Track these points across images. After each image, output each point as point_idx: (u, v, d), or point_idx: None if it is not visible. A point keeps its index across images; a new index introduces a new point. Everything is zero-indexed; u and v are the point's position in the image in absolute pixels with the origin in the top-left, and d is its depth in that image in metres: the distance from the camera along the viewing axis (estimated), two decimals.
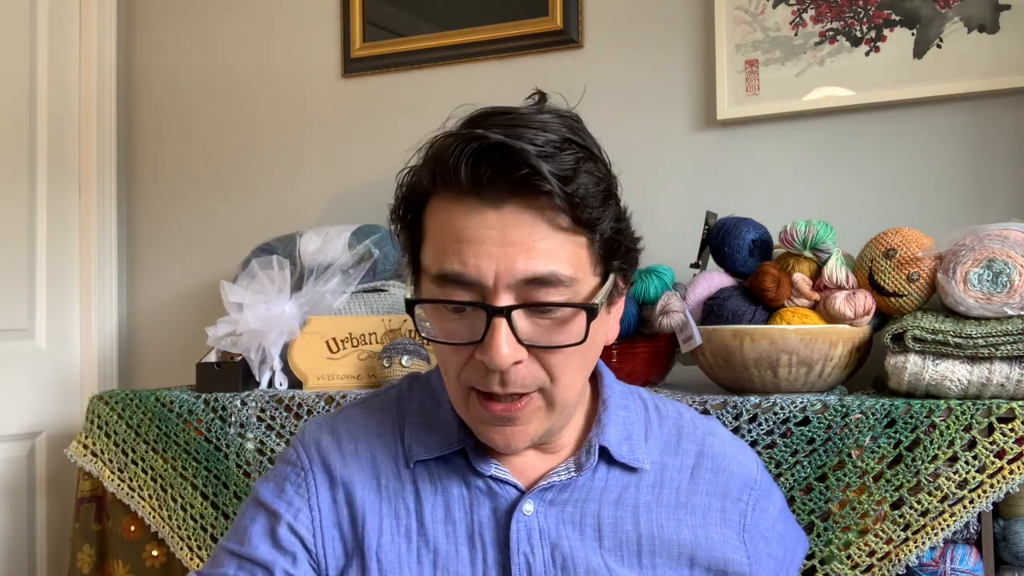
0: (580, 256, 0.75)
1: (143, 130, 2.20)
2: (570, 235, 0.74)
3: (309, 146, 2.04)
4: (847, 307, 1.26)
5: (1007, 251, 1.17)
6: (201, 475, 1.55)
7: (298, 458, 0.88)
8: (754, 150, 1.69)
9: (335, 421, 0.90)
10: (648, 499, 0.86)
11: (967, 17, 1.53)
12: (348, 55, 1.99)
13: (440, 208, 0.76)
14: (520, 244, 0.72)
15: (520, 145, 0.70)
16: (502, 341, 0.72)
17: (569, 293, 0.74)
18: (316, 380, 1.58)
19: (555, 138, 0.73)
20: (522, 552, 0.81)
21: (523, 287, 0.73)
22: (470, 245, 0.73)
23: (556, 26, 1.81)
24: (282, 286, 1.63)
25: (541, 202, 0.72)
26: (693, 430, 0.91)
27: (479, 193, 0.72)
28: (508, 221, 0.72)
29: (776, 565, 0.90)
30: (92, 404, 1.66)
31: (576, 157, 0.74)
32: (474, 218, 0.73)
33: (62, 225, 2.08)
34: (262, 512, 0.86)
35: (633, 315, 1.38)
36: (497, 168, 0.71)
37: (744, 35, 1.66)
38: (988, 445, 1.11)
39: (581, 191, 0.73)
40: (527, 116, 0.75)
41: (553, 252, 0.73)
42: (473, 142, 0.72)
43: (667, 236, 1.72)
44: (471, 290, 0.74)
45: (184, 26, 2.17)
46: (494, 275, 0.72)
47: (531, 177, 0.70)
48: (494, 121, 0.74)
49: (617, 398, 0.90)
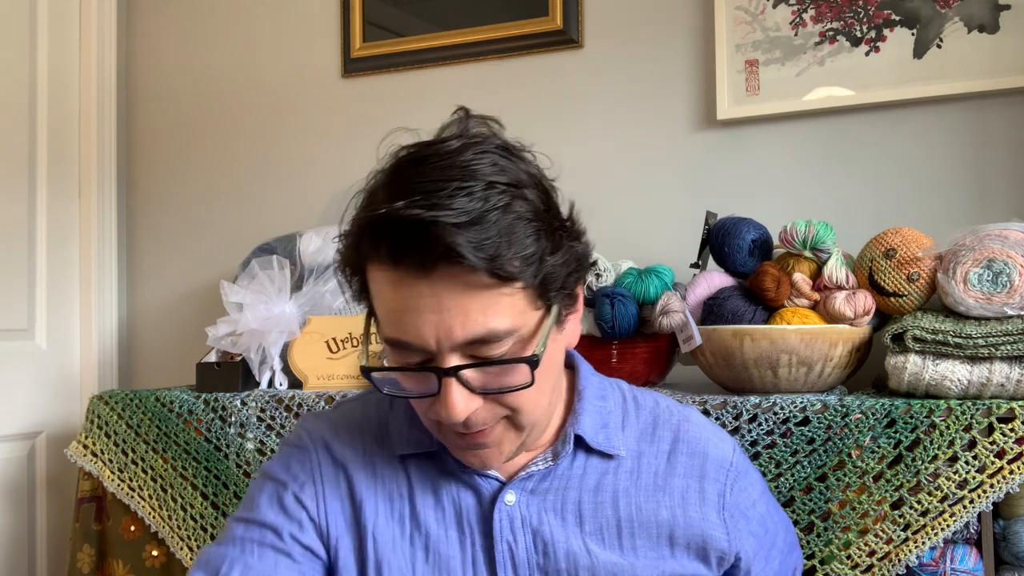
0: (516, 303, 0.76)
1: (143, 130, 2.20)
2: (501, 288, 0.74)
3: (309, 146, 2.04)
4: (847, 307, 1.26)
5: (1007, 251, 1.17)
6: (201, 475, 1.55)
7: (300, 440, 0.92)
8: (754, 150, 1.69)
9: (332, 415, 0.95)
10: (627, 484, 0.89)
11: (967, 17, 1.53)
12: (348, 55, 1.99)
13: (376, 277, 0.78)
14: (455, 308, 0.74)
15: (436, 221, 0.70)
16: (455, 399, 0.76)
17: (512, 340, 0.76)
18: (316, 380, 1.58)
19: (477, 191, 0.72)
20: (505, 540, 0.86)
21: (466, 347, 0.75)
22: (407, 314, 0.75)
23: (556, 26, 1.81)
24: (282, 286, 1.63)
25: (466, 267, 0.72)
26: (669, 417, 0.94)
27: (405, 267, 0.74)
28: (438, 288, 0.73)
29: (757, 543, 0.92)
30: (92, 404, 1.66)
31: (501, 208, 0.73)
32: (406, 288, 0.74)
33: (62, 225, 2.08)
34: (270, 483, 0.90)
35: (633, 315, 1.38)
36: (416, 248, 0.72)
37: (744, 35, 1.66)
38: (988, 445, 1.11)
39: (504, 252, 0.72)
40: (449, 168, 0.74)
41: (488, 310, 0.74)
42: (388, 224, 0.72)
43: (667, 236, 1.73)
44: (419, 353, 0.77)
45: (184, 26, 2.17)
46: (435, 341, 0.75)
47: (451, 254, 0.71)
48: (413, 187, 0.73)
49: (593, 388, 0.93)
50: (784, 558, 0.97)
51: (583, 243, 0.84)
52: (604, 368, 1.40)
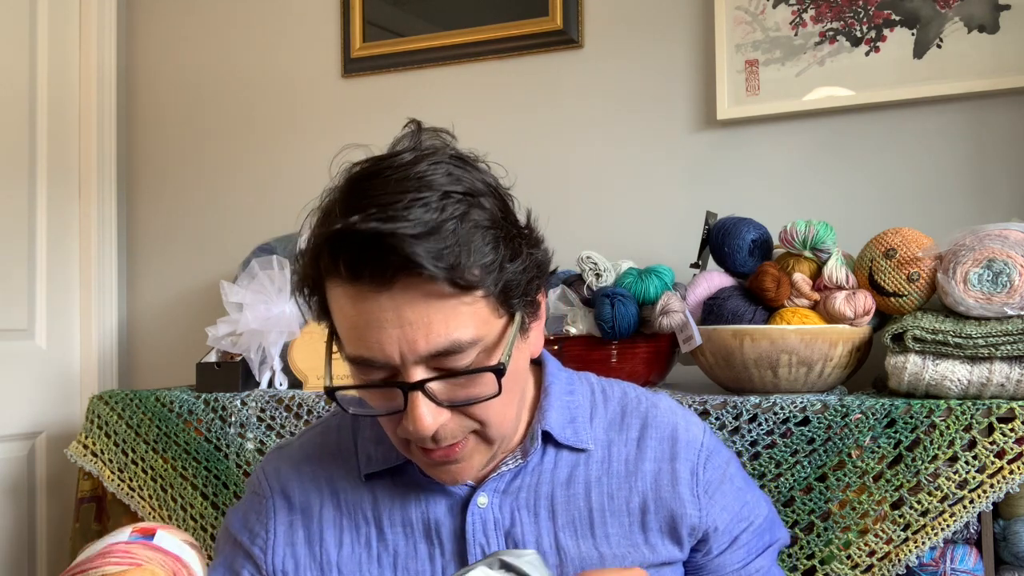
0: (478, 311, 0.76)
1: (143, 130, 2.20)
2: (461, 298, 0.74)
3: (309, 146, 2.04)
4: (847, 307, 1.26)
5: (1007, 251, 1.17)
6: (201, 475, 1.55)
7: (260, 487, 0.94)
8: (754, 150, 1.69)
9: (293, 447, 0.96)
10: (598, 473, 0.90)
11: (967, 17, 1.53)
12: (348, 55, 1.99)
13: (335, 294, 0.77)
14: (417, 322, 0.73)
15: (393, 233, 0.70)
16: (422, 412, 0.75)
17: (477, 350, 0.76)
18: (316, 380, 1.58)
19: (433, 202, 0.72)
20: (478, 543, 0.86)
21: (431, 359, 0.75)
22: (369, 330, 0.74)
23: (556, 26, 1.81)
24: (282, 286, 1.63)
25: (425, 278, 0.72)
26: (637, 406, 0.94)
27: (364, 282, 0.73)
28: (399, 301, 0.73)
29: (730, 517, 0.91)
30: (92, 404, 1.66)
31: (457, 217, 0.73)
32: (367, 303, 0.74)
33: (62, 225, 2.08)
34: (228, 544, 0.94)
35: (633, 315, 1.38)
36: (375, 261, 0.72)
37: (744, 35, 1.66)
38: (988, 445, 1.11)
39: (463, 260, 0.73)
40: (404, 180, 0.74)
41: (450, 321, 0.74)
42: (345, 239, 0.72)
43: (667, 236, 1.73)
44: (383, 369, 0.76)
45: (184, 26, 2.17)
46: (399, 355, 0.74)
47: (408, 265, 0.71)
48: (368, 200, 0.73)
49: (561, 384, 0.93)
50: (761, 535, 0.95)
51: (542, 250, 0.84)
52: (604, 368, 1.41)
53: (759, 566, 0.93)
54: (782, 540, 0.98)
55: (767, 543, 0.95)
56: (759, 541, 0.94)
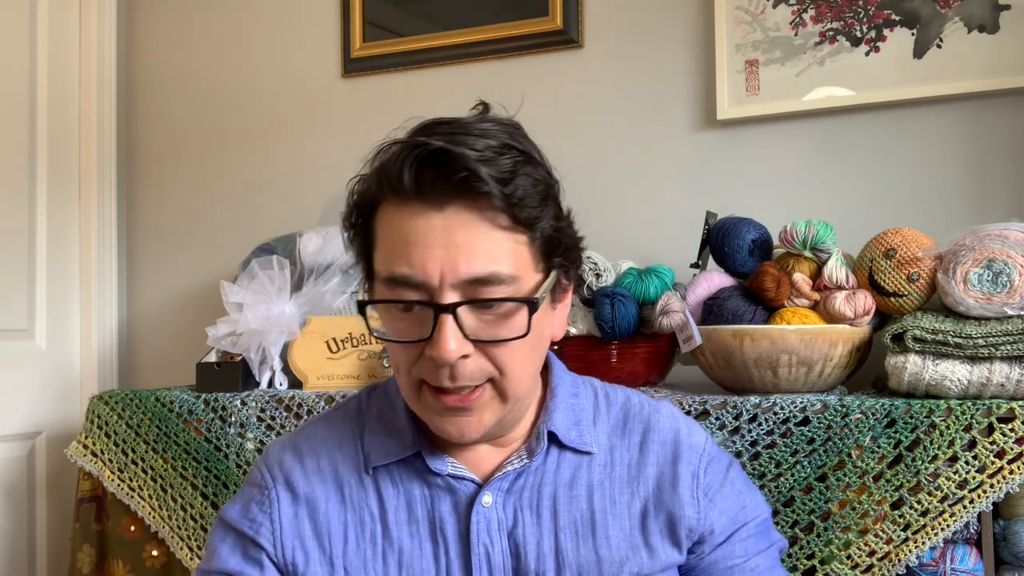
0: (521, 254, 0.79)
1: (143, 130, 2.20)
2: (510, 233, 0.78)
3: (309, 146, 2.04)
4: (847, 307, 1.26)
5: (1007, 251, 1.17)
6: (201, 475, 1.55)
7: (262, 478, 0.92)
8: (754, 150, 1.69)
9: (297, 439, 0.95)
10: (601, 477, 0.90)
11: (967, 17, 1.53)
12: (348, 55, 1.99)
13: (388, 213, 0.80)
14: (463, 245, 0.76)
15: (460, 150, 0.75)
16: (449, 336, 0.76)
17: (511, 290, 0.78)
18: (316, 380, 1.58)
19: (495, 143, 0.78)
20: (482, 543, 0.86)
21: (467, 286, 0.77)
22: (416, 248, 0.77)
23: (556, 26, 1.81)
24: (282, 286, 1.63)
25: (481, 203, 0.77)
26: (640, 411, 0.95)
27: (422, 197, 0.77)
28: (451, 223, 0.77)
29: (728, 520, 0.92)
30: (92, 404, 1.66)
31: (515, 161, 0.78)
32: (419, 221, 0.77)
33: (62, 225, 2.08)
34: (229, 531, 0.91)
35: (633, 315, 1.38)
36: (438, 172, 0.76)
37: (744, 35, 1.66)
38: (988, 445, 1.11)
39: (519, 192, 0.77)
40: (469, 124, 0.80)
41: (494, 252, 0.77)
42: (416, 149, 0.77)
43: (667, 236, 1.73)
44: (419, 290, 0.78)
45: (184, 26, 2.17)
46: (439, 275, 0.77)
47: (470, 179, 0.75)
48: (437, 130, 0.79)
49: (566, 386, 0.94)
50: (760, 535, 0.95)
51: (578, 239, 0.88)
52: (604, 368, 1.41)
53: (756, 564, 0.92)
54: (781, 544, 0.98)
55: (768, 543, 0.95)
56: (759, 541, 0.94)
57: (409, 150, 0.77)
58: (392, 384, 0.94)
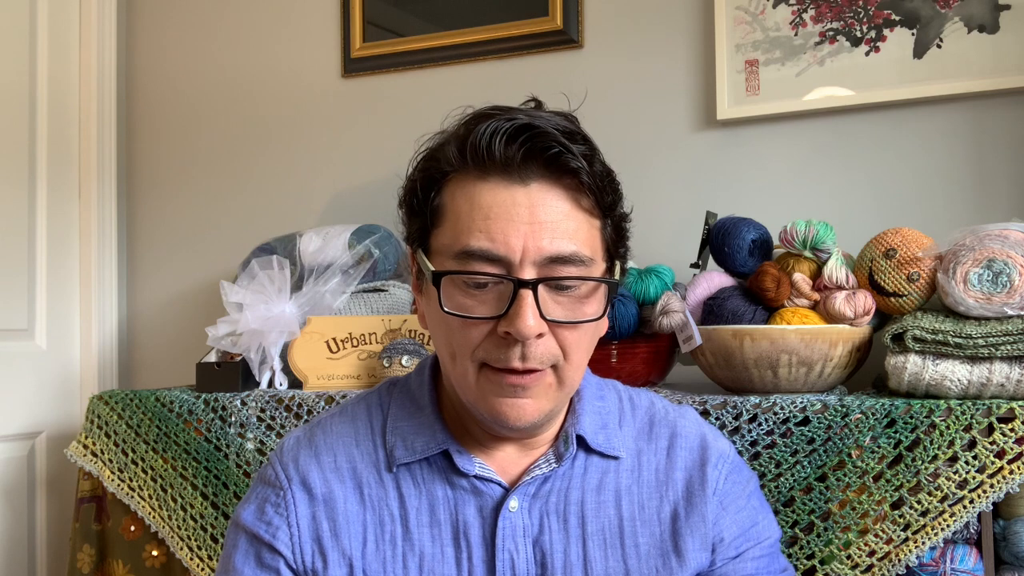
0: (595, 239, 0.80)
1: (143, 130, 2.20)
2: (590, 217, 0.79)
3: (309, 146, 2.04)
4: (847, 307, 1.26)
5: (1007, 251, 1.17)
6: (201, 475, 1.55)
7: (276, 478, 0.88)
8: (754, 150, 1.69)
9: (313, 434, 0.91)
10: (628, 482, 0.89)
11: (967, 17, 1.53)
12: (348, 55, 1.99)
13: (463, 186, 0.78)
14: (547, 222, 0.76)
15: (548, 129, 0.76)
16: (528, 312, 0.75)
17: (587, 272, 0.79)
18: (316, 380, 1.58)
19: (571, 127, 0.79)
20: (507, 550, 0.84)
21: (546, 264, 0.76)
22: (498, 222, 0.76)
23: (556, 26, 1.81)
24: (282, 286, 1.63)
25: (566, 181, 0.77)
26: (665, 416, 0.94)
27: (508, 171, 0.76)
28: (535, 199, 0.76)
29: (738, 531, 0.91)
30: (92, 404, 1.66)
31: (589, 147, 0.79)
32: (502, 195, 0.76)
33: (62, 225, 2.08)
34: (243, 536, 0.88)
35: (633, 315, 1.38)
36: (529, 146, 0.75)
37: (744, 35, 1.66)
38: (988, 445, 1.11)
39: (602, 176, 0.79)
40: (535, 111, 0.80)
41: (575, 232, 0.77)
42: (505, 122, 0.76)
43: (667, 236, 1.73)
44: (496, 265, 0.76)
45: (184, 26, 2.17)
46: (521, 250, 0.75)
47: (561, 155, 0.75)
48: (509, 113, 0.78)
49: (592, 389, 0.93)
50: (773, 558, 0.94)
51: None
52: (604, 368, 1.41)
53: None
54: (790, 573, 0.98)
55: (781, 568, 0.94)
56: (771, 562, 0.93)
57: (497, 122, 0.76)
58: (414, 380, 0.92)
